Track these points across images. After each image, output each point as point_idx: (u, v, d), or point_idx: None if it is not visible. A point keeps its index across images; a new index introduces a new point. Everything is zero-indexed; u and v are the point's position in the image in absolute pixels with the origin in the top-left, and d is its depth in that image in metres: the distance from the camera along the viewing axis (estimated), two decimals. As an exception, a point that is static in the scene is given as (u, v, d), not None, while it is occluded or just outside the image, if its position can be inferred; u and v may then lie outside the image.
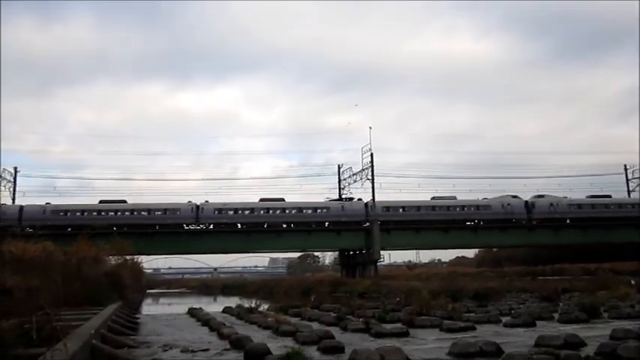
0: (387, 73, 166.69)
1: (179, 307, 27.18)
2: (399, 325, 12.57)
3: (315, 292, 31.02)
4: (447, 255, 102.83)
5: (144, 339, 11.82)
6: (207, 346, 10.18)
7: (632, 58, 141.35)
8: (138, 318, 18.22)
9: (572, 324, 12.83)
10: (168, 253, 65.40)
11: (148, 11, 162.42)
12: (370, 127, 57.20)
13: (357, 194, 54.41)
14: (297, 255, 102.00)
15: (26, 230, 38.57)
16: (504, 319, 13.89)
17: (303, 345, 9.44)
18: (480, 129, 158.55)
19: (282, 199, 51.19)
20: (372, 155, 53.16)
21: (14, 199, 53.35)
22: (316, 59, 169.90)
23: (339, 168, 58.46)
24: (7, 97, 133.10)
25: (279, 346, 9.49)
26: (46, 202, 48.31)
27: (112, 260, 25.12)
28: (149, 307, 30.85)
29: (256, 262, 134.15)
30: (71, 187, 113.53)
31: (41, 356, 5.66)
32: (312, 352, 8.87)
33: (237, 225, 49.40)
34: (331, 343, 9.67)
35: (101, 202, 48.98)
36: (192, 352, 9.63)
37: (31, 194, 54.33)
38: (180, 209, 48.26)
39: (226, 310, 19.77)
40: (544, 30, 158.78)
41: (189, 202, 49.46)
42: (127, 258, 28.18)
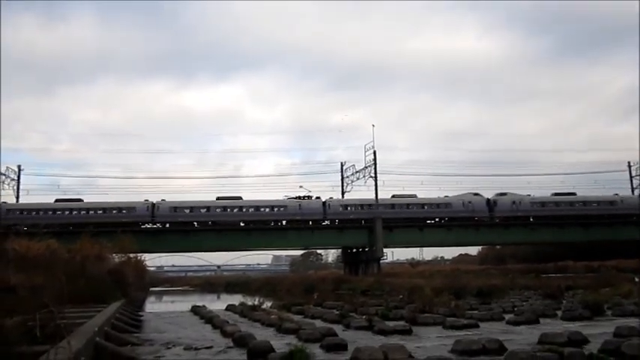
0: (390, 70, 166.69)
1: (182, 304, 27.23)
2: (402, 323, 12.56)
3: (318, 290, 31.04)
4: (450, 252, 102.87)
5: (147, 336, 11.84)
6: (211, 344, 10.20)
7: (634, 56, 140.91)
8: (141, 316, 18.27)
9: (575, 321, 12.79)
10: (172, 251, 65.59)
11: (151, 10, 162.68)
12: (373, 125, 57.49)
13: (360, 192, 54.44)
14: (300, 252, 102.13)
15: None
16: (507, 316, 13.86)
17: (306, 342, 9.45)
18: (483, 126, 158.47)
19: (239, 197, 50.89)
20: (374, 153, 53.13)
21: (18, 197, 53.59)
22: (319, 57, 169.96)
23: (341, 166, 58.45)
24: (11, 95, 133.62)
25: (282, 344, 9.49)
26: (3, 202, 48.50)
27: (116, 258, 25.20)
28: (152, 305, 30.91)
29: (259, 259, 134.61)
30: (75, 185, 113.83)
31: (45, 354, 5.67)
32: (315, 350, 8.88)
33: (194, 224, 48.84)
34: (334, 340, 9.67)
35: (57, 200, 48.97)
36: (196, 349, 9.65)
37: (35, 192, 54.54)
38: (136, 207, 48.06)
39: (229, 308, 19.80)
40: (546, 28, 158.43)
41: (145, 200, 49.27)
42: (131, 256, 28.26)
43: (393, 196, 52.14)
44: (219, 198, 50.68)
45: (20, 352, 6.21)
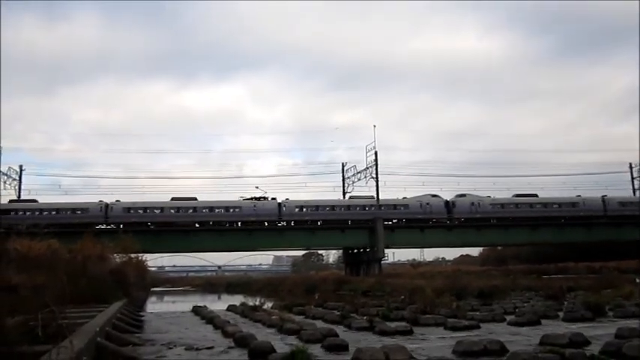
0: (390, 70, 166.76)
1: (183, 305, 27.24)
2: (403, 324, 12.55)
3: (319, 291, 31.05)
4: (451, 253, 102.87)
5: (148, 337, 11.85)
6: (212, 344, 10.20)
7: (635, 55, 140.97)
8: (142, 316, 18.28)
9: (577, 322, 12.78)
10: (173, 251, 65.58)
11: (152, 10, 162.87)
12: (375, 126, 57.44)
13: (362, 192, 54.42)
14: (302, 253, 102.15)
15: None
16: (509, 317, 13.85)
17: (307, 343, 9.45)
18: (483, 127, 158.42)
19: (194, 198, 50.64)
20: (376, 154, 53.14)
21: (19, 197, 53.66)
22: (320, 57, 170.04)
23: (342, 166, 58.45)
24: (12, 95, 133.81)
25: (283, 345, 9.50)
26: None
27: (117, 258, 25.21)
28: (153, 305, 30.93)
29: (261, 260, 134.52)
30: (76, 185, 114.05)
31: (47, 353, 5.68)
32: (316, 350, 8.88)
33: (148, 224, 48.14)
34: (335, 341, 9.67)
35: (11, 201, 48.84)
36: (197, 349, 9.65)
37: (36, 192, 54.59)
38: (89, 208, 47.60)
39: (230, 309, 19.80)
40: (546, 28, 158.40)
41: (100, 201, 48.94)
42: (132, 256, 28.28)
43: (350, 197, 51.82)
44: (173, 199, 50.33)
45: (22, 352, 6.21)
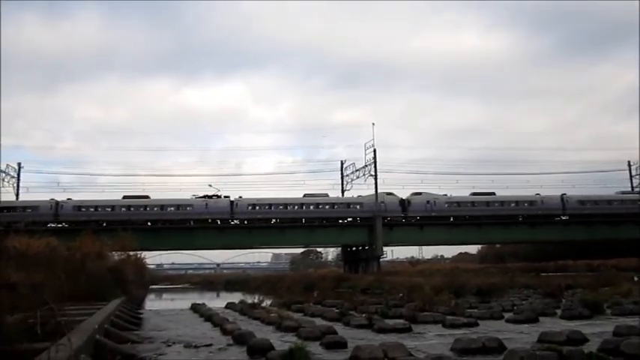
0: (392, 69, 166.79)
1: (182, 302, 27.27)
2: (401, 321, 12.56)
3: (318, 288, 31.10)
4: (450, 251, 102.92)
5: (147, 334, 11.86)
6: (211, 342, 10.21)
7: (636, 55, 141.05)
8: (141, 313, 18.29)
9: (575, 320, 12.81)
10: (172, 248, 65.54)
11: (154, 8, 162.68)
12: (373, 124, 57.38)
13: (361, 190, 54.48)
14: (300, 251, 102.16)
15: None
16: (507, 315, 13.88)
17: (306, 340, 9.46)
18: (484, 125, 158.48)
19: (146, 196, 50.33)
20: (374, 151, 53.20)
21: (18, 194, 53.60)
22: (321, 56, 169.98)
23: (341, 164, 58.48)
24: (14, 93, 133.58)
25: (282, 342, 9.51)
26: None
27: (116, 256, 25.22)
28: (152, 303, 30.96)
29: (259, 257, 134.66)
30: (76, 183, 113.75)
31: (45, 351, 5.68)
32: (315, 348, 8.89)
33: (103, 223, 46.55)
34: (334, 338, 9.68)
35: None
36: (196, 347, 9.66)
37: (36, 190, 54.55)
38: (39, 206, 47.10)
39: (229, 306, 19.81)
40: (548, 27, 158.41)
41: (51, 199, 48.52)
42: (130, 253, 28.28)
43: (304, 195, 51.67)
44: (125, 197, 50.04)
45: (21, 349, 6.21)
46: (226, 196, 50.80)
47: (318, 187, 69.14)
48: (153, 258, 78.80)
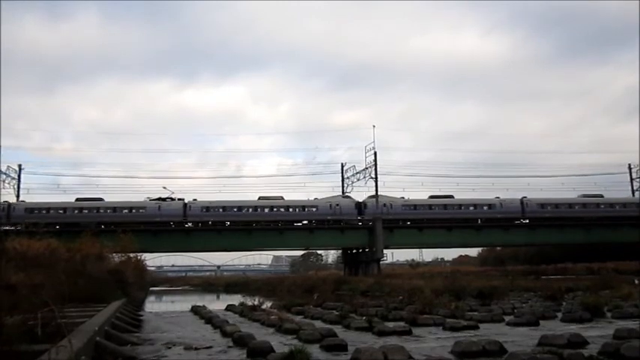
0: (392, 71, 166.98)
1: (182, 304, 27.28)
2: (401, 324, 12.56)
3: (318, 290, 31.05)
4: (450, 254, 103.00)
5: (147, 336, 11.85)
6: (211, 344, 10.20)
7: (636, 57, 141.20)
8: (141, 315, 18.28)
9: (575, 323, 12.79)
10: (172, 250, 65.58)
11: (154, 9, 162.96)
12: (374, 126, 57.52)
13: (361, 193, 54.50)
14: (301, 253, 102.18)
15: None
16: (507, 318, 13.86)
17: (306, 343, 9.45)
18: (485, 127, 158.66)
19: (100, 198, 50.04)
20: (375, 154, 53.22)
21: (18, 196, 53.64)
22: (321, 57, 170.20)
23: (342, 167, 58.50)
24: (14, 94, 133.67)
25: (282, 344, 9.50)
26: None
27: (116, 257, 25.23)
28: (152, 305, 30.96)
29: (260, 260, 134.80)
30: (76, 184, 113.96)
31: (45, 353, 5.68)
32: (315, 350, 8.88)
33: (56, 226, 44.56)
34: (334, 341, 9.67)
35: None
36: (196, 349, 9.65)
37: (36, 191, 54.61)
38: None
39: (229, 308, 19.81)
40: (549, 28, 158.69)
41: (4, 201, 48.17)
42: (131, 255, 28.30)
43: (259, 198, 51.53)
44: (78, 199, 49.71)
45: (21, 351, 6.21)
46: (180, 199, 50.55)
47: (318, 190, 69.19)
48: (153, 260, 78.89)
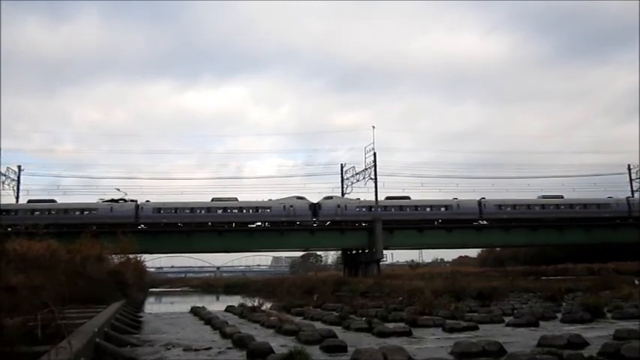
0: (392, 72, 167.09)
1: (182, 305, 27.24)
2: (401, 325, 12.55)
3: (318, 291, 31.01)
4: (450, 254, 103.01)
5: (147, 337, 11.84)
6: (210, 345, 10.20)
7: (636, 57, 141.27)
8: (141, 316, 18.25)
9: (575, 324, 12.79)
10: (172, 251, 65.52)
11: (154, 11, 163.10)
12: (374, 126, 57.28)
13: (361, 193, 54.51)
14: (300, 254, 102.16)
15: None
16: (507, 318, 13.86)
17: (305, 344, 9.45)
18: (485, 127, 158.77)
19: (52, 200, 49.83)
20: (374, 155, 53.28)
21: (18, 197, 53.66)
22: (321, 58, 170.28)
23: (341, 167, 58.54)
24: (15, 95, 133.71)
25: (281, 345, 9.50)
26: None
27: (116, 259, 25.21)
28: (152, 306, 30.92)
29: (259, 261, 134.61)
30: (76, 185, 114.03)
31: (45, 354, 5.68)
32: (314, 351, 8.88)
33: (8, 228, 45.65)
34: (334, 342, 9.67)
35: None
36: (195, 350, 9.65)
37: (36, 193, 54.58)
38: None
39: (229, 309, 19.79)
40: (550, 28, 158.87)
41: None
42: (130, 257, 28.27)
43: (212, 199, 51.35)
44: (30, 201, 49.59)
45: (21, 352, 6.21)
46: (133, 200, 50.35)
47: (318, 191, 69.17)
48: (153, 261, 78.76)
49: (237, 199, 51.79)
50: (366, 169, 54.00)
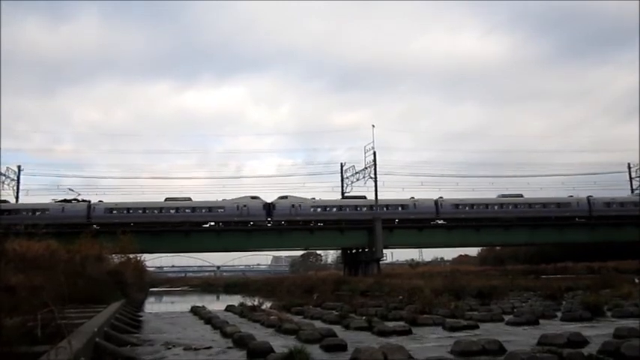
0: (393, 71, 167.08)
1: (182, 305, 27.25)
2: (401, 324, 12.54)
3: (318, 291, 31.04)
4: (450, 253, 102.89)
5: (147, 337, 11.84)
6: (210, 344, 10.19)
7: (636, 57, 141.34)
8: (141, 316, 18.25)
9: (575, 322, 12.78)
10: (172, 251, 65.52)
11: (154, 11, 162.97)
12: (373, 126, 57.38)
13: (361, 192, 54.52)
14: (300, 253, 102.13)
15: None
16: (507, 317, 13.85)
17: (305, 343, 9.44)
18: (485, 127, 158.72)
19: (5, 201, 49.46)
20: (374, 154, 53.34)
21: (17, 197, 53.65)
22: (321, 58, 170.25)
23: (341, 167, 58.56)
24: (14, 96, 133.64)
25: (281, 345, 9.49)
26: None
27: (115, 258, 25.21)
28: (152, 306, 30.93)
29: (259, 260, 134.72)
30: (76, 185, 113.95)
31: (45, 354, 5.68)
32: (314, 351, 8.88)
33: None
34: (334, 341, 9.67)
35: None
36: (195, 350, 9.64)
37: (36, 193, 54.57)
38: None
39: (229, 309, 19.78)
40: (549, 28, 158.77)
41: None
42: (130, 256, 28.27)
43: (166, 199, 51.05)
44: None
45: (21, 352, 6.21)
46: (85, 200, 50.06)
47: (317, 190, 69.15)
48: (153, 261, 78.74)
49: (191, 198, 51.55)
50: (366, 168, 54.07)
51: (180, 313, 19.98)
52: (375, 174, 52.70)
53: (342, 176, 58.01)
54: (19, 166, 55.33)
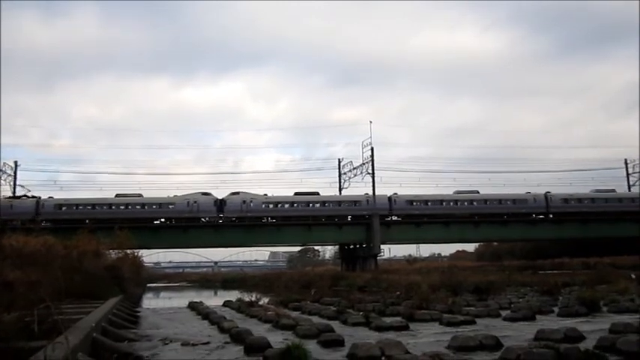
0: (391, 67, 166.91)
1: (179, 300, 27.24)
2: (399, 319, 12.57)
3: (316, 286, 31.03)
4: (447, 249, 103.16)
5: (144, 332, 11.85)
6: (208, 340, 10.20)
7: (635, 53, 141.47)
8: (138, 311, 18.26)
9: (571, 318, 12.84)
10: (169, 247, 65.46)
11: (152, 7, 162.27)
12: (371, 121, 57.08)
13: (358, 188, 54.57)
14: (298, 249, 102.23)
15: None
16: (504, 312, 13.91)
17: (303, 338, 9.44)
18: (484, 123, 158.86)
19: None
20: (372, 149, 53.38)
21: (14, 193, 53.50)
22: (320, 54, 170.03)
23: (339, 162, 58.60)
24: (12, 91, 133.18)
25: (279, 340, 9.50)
26: None
27: (113, 254, 25.16)
28: (150, 301, 30.94)
29: (257, 256, 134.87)
30: (74, 181, 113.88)
31: (42, 349, 5.67)
32: (312, 346, 8.88)
33: None
34: (331, 336, 9.69)
35: None
36: (193, 345, 9.65)
37: (33, 188, 54.42)
38: None
39: (227, 304, 19.80)
40: (548, 25, 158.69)
41: None
42: (128, 252, 28.22)
43: (116, 196, 50.77)
44: None
45: (18, 348, 6.20)
46: (34, 197, 49.56)
47: (315, 186, 69.19)
48: (150, 256, 78.86)
49: (141, 195, 51.21)
50: (364, 163, 54.11)
51: (178, 308, 19.99)
52: (373, 170, 52.79)
53: (339, 172, 58.07)
54: (15, 162, 55.24)
